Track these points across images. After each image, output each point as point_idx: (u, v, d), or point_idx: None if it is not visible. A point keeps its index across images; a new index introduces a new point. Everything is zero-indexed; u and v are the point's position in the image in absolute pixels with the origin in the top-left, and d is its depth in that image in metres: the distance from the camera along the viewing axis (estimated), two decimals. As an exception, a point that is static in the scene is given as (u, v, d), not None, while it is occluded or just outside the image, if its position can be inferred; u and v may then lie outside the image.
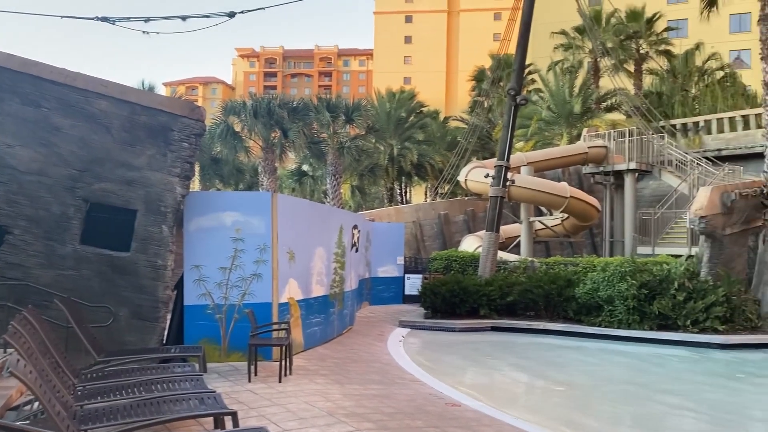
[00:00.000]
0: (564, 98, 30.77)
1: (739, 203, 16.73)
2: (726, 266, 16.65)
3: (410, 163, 37.43)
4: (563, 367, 13.03)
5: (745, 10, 41.93)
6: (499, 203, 19.88)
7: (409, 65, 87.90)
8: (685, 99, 31.55)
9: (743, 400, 10.78)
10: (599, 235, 27.23)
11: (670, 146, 24.44)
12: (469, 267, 20.78)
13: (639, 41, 34.44)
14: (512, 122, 20.41)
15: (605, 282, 16.15)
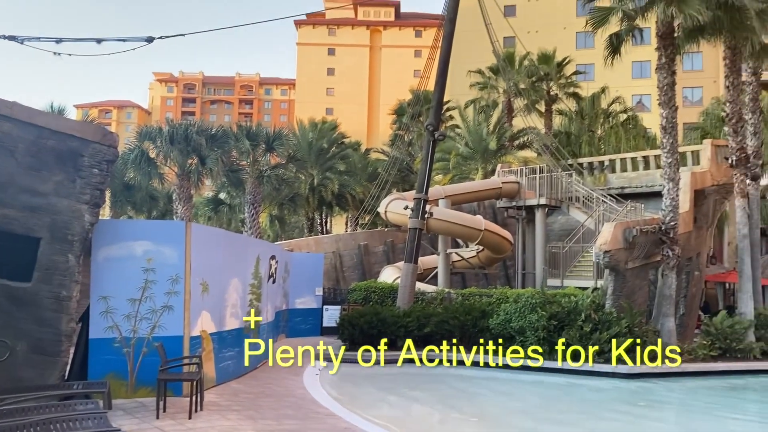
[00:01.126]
0: (480, 135, 31.86)
1: (640, 239, 17.74)
2: (629, 299, 17.54)
3: (331, 193, 37.47)
4: (477, 398, 13.27)
5: (645, 58, 44.97)
6: (417, 235, 20.22)
7: (331, 96, 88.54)
8: (591, 139, 33.33)
9: (645, 428, 11.32)
10: (512, 267, 28.08)
11: (577, 183, 25.70)
12: (387, 298, 20.89)
13: (549, 83, 36.27)
14: (431, 156, 20.92)
15: (517, 313, 16.67)
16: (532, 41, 41.59)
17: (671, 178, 18.24)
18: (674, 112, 18.48)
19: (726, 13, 17.48)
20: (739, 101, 21.09)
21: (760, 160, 22.93)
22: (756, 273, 21.40)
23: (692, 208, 20.41)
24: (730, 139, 20.92)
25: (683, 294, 20.13)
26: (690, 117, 42.39)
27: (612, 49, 19.23)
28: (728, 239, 36.06)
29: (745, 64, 21.92)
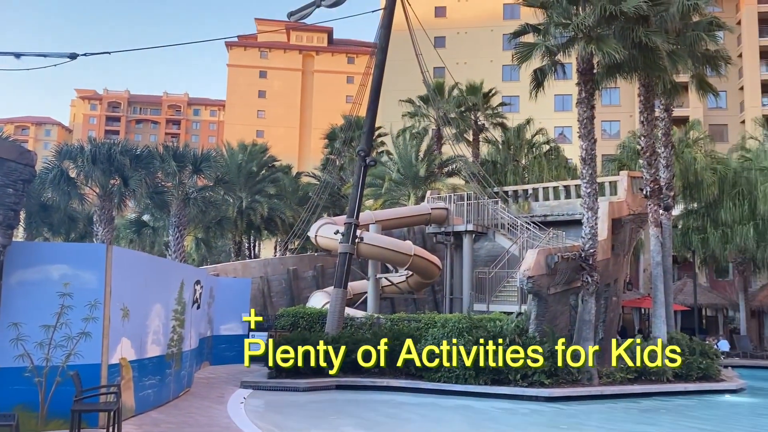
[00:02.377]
0: (410, 162, 32.34)
1: (562, 265, 18.37)
2: (551, 323, 18.07)
3: (260, 216, 36.97)
4: (404, 424, 13.27)
5: (567, 92, 47.05)
6: (348, 260, 20.19)
7: (262, 119, 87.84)
8: (516, 168, 34.43)
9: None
10: (440, 292, 28.42)
11: (503, 211, 26.42)
12: (316, 324, 20.67)
13: (477, 113, 37.31)
14: (362, 182, 21.05)
15: (444, 338, 16.84)
16: (461, 72, 42.91)
17: (590, 207, 19.05)
18: (593, 144, 19.38)
19: (640, 53, 18.58)
20: (653, 135, 22.39)
21: (671, 191, 24.34)
22: (668, 298, 22.56)
23: (610, 236, 21.34)
24: (645, 171, 22.11)
25: (602, 319, 20.91)
26: (608, 149, 44.58)
27: (536, 83, 20.03)
28: (643, 266, 37.90)
29: (657, 100, 23.34)
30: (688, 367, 19.51)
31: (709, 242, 31.92)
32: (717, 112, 52.94)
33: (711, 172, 31.22)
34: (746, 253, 32.00)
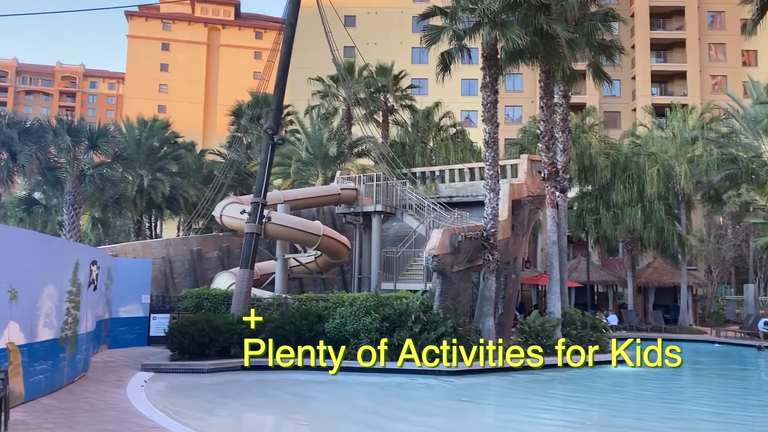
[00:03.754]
0: (320, 141, 32.12)
1: (465, 244, 18.98)
2: (454, 300, 18.68)
3: (162, 195, 35.56)
4: (312, 402, 13.36)
5: (473, 77, 48.22)
6: (254, 240, 19.89)
7: (164, 93, 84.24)
8: (424, 150, 35.05)
9: (468, 421, 12.10)
10: (349, 272, 28.59)
11: (411, 192, 26.83)
12: (221, 305, 20.29)
13: (387, 95, 37.57)
14: (269, 160, 20.72)
15: (352, 316, 17.04)
16: (371, 53, 42.92)
17: (492, 188, 19.73)
18: (496, 128, 20.03)
19: (542, 40, 19.33)
20: (551, 121, 23.39)
21: (568, 174, 25.58)
22: (563, 276, 23.80)
23: (510, 217, 22.21)
24: (543, 155, 23.10)
25: (502, 295, 21.81)
26: (511, 133, 46.20)
27: (443, 66, 20.42)
28: (541, 245, 39.80)
29: (557, 87, 24.36)
30: (580, 340, 20.76)
31: (602, 223, 33.88)
32: (611, 100, 56.01)
33: (604, 156, 33.05)
34: (634, 233, 34.23)
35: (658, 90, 56.73)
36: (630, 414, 12.85)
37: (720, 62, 56.26)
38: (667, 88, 56.94)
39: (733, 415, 12.72)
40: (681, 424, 11.67)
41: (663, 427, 11.55)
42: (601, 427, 11.70)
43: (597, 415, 12.65)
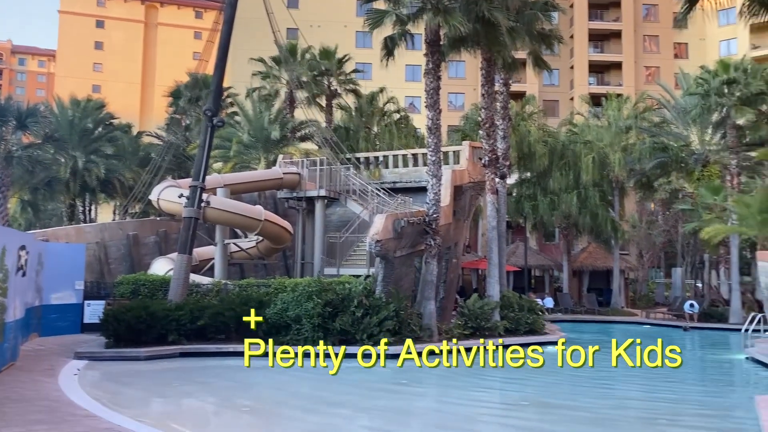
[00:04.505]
0: (262, 124, 31.62)
1: (408, 229, 19.14)
2: (396, 285, 18.84)
3: (96, 178, 34.35)
4: (253, 388, 13.26)
5: (417, 63, 48.46)
6: (193, 224, 19.48)
7: (99, 73, 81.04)
8: (368, 135, 34.98)
9: (405, 402, 12.30)
10: (292, 257, 28.38)
11: (354, 177, 26.81)
12: (159, 291, 19.83)
13: (330, 78, 37.27)
14: (208, 143, 20.28)
15: (294, 302, 16.96)
16: (315, 35, 42.37)
17: (435, 174, 19.93)
18: (439, 114, 20.19)
19: (483, 28, 19.54)
20: (492, 108, 23.76)
21: (507, 161, 26.11)
22: (502, 260, 24.36)
23: (452, 203, 22.50)
24: (484, 142, 23.47)
25: (443, 279, 22.14)
26: (454, 120, 46.65)
27: (387, 50, 20.40)
28: (482, 231, 40.50)
29: (498, 75, 24.74)
30: (517, 322, 21.36)
31: (539, 209, 34.74)
32: (550, 89, 57.27)
33: (543, 144, 33.83)
34: (570, 219, 35.26)
35: (595, 80, 58.35)
36: (564, 393, 13.30)
37: (653, 54, 58.29)
38: (603, 78, 58.63)
39: (661, 394, 13.33)
40: (613, 402, 12.18)
41: (595, 404, 12.01)
42: (537, 406, 12.08)
43: (534, 395, 13.04)
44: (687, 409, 11.76)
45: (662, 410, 11.52)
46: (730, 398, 12.62)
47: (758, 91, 28.69)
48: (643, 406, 11.66)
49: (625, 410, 11.56)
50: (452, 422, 10.67)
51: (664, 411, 11.49)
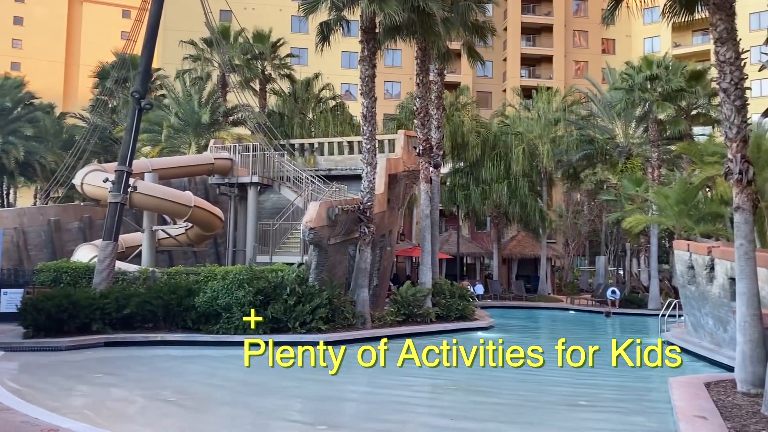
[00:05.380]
0: (192, 108, 30.79)
1: (342, 217, 19.13)
2: (330, 272, 18.82)
3: (15, 160, 32.72)
4: (179, 378, 12.99)
5: (353, 50, 48.30)
6: (119, 210, 18.84)
7: (18, 50, 76.61)
8: (303, 122, 34.61)
9: (337, 388, 12.34)
10: (223, 244, 27.86)
11: (288, 163, 26.52)
12: (82, 279, 19.09)
13: (264, 63, 36.60)
14: (136, 126, 19.62)
15: (224, 290, 16.69)
16: (249, 18, 41.45)
17: (369, 162, 19.97)
18: (374, 102, 20.21)
19: (419, 17, 19.62)
20: (427, 98, 23.98)
21: (441, 150, 26.45)
22: (435, 248, 24.72)
23: (386, 191, 22.60)
24: (418, 131, 23.68)
25: (377, 267, 22.27)
26: (390, 108, 46.74)
27: (322, 36, 20.21)
28: (416, 219, 40.95)
29: (433, 65, 24.96)
30: (448, 308, 21.76)
31: (472, 198, 35.42)
32: (484, 80, 58.25)
33: (476, 134, 34.44)
34: (501, 208, 36.12)
35: (527, 72, 59.73)
36: (489, 378, 13.63)
37: (583, 49, 60.14)
38: (535, 71, 60.10)
39: (583, 379, 13.88)
40: (534, 387, 12.58)
41: (517, 387, 12.40)
42: (465, 391, 12.37)
43: (462, 379, 13.33)
44: (606, 393, 12.30)
45: (583, 394, 12.01)
46: (646, 381, 13.27)
47: (678, 88, 30.08)
48: (566, 392, 12.11)
49: (548, 395, 11.99)
50: (383, 408, 10.80)
51: (584, 394, 11.99)
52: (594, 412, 10.77)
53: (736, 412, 8.86)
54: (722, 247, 15.87)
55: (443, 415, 10.39)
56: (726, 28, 10.86)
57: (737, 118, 10.72)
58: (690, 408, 8.93)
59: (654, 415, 10.31)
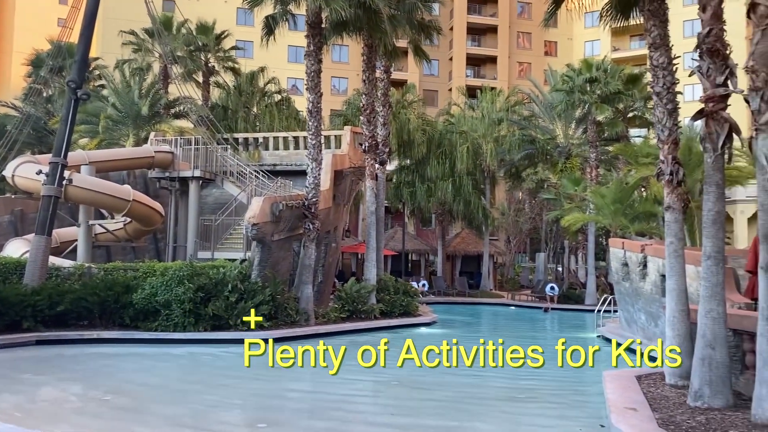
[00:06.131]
0: (132, 99, 29.89)
1: (286, 213, 18.96)
2: (273, 269, 18.63)
3: (-61, 151, 30.95)
4: (115, 376, 12.63)
5: (300, 44, 47.89)
6: (53, 204, 18.15)
7: (-57, 33, 72.72)
8: (247, 116, 34.12)
9: (279, 385, 12.25)
10: (163, 240, 27.19)
11: (232, 158, 26.09)
12: (13, 275, 18.21)
13: (208, 55, 35.88)
14: (72, 117, 18.94)
15: (164, 286, 16.32)
16: (193, 9, 40.52)
17: (315, 158, 19.87)
18: (319, 97, 20.11)
19: (365, 13, 19.64)
20: (373, 95, 24.04)
21: (387, 147, 26.54)
22: (380, 244, 24.83)
23: (332, 187, 22.58)
24: (364, 128, 23.71)
25: (322, 263, 22.21)
26: (337, 104, 46.60)
27: (267, 30, 19.99)
28: (362, 215, 41.00)
29: (379, 62, 25.03)
30: (393, 305, 21.90)
31: (417, 195, 35.73)
32: (430, 79, 58.74)
33: (422, 132, 34.72)
34: (445, 206, 36.56)
35: (473, 72, 60.59)
36: (437, 371, 13.78)
37: (526, 50, 61.43)
38: (480, 71, 61.03)
39: (523, 373, 14.21)
40: (473, 380, 12.82)
41: (458, 381, 12.60)
42: (407, 387, 12.49)
43: (405, 374, 13.44)
44: (544, 386, 12.63)
45: (522, 388, 12.30)
46: (581, 374, 13.69)
47: (616, 91, 31.09)
48: (506, 385, 12.37)
49: (488, 389, 12.23)
50: (325, 405, 10.79)
51: (523, 388, 12.29)
52: (532, 406, 11.05)
53: (664, 403, 9.25)
54: (654, 245, 16.52)
55: (384, 413, 10.46)
56: (659, 34, 11.28)
57: (669, 121, 11.16)
58: (621, 400, 9.27)
59: (589, 407, 10.66)
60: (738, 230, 39.64)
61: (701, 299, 9.22)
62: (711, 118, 9.06)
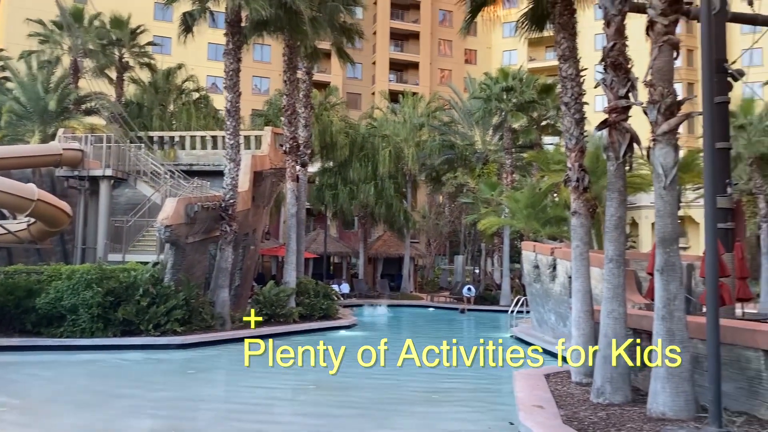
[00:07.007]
0: (38, 93, 28.33)
1: (202, 214, 18.49)
2: (188, 272, 18.13)
3: None
4: (14, 385, 11.93)
5: (221, 42, 46.89)
6: (-55, 203, 16.92)
7: None
8: (163, 113, 33.05)
9: (192, 392, 11.92)
10: (71, 241, 25.89)
11: (146, 156, 25.19)
12: None
13: (122, 50, 34.50)
14: (-32, 110, 17.73)
15: (70, 290, 15.58)
16: (108, 2, 38.91)
17: (233, 158, 19.51)
18: (238, 97, 19.78)
19: (286, 14, 19.46)
20: (294, 95, 23.86)
21: (309, 149, 26.41)
22: (300, 247, 24.64)
23: (251, 188, 22.19)
24: (285, 129, 23.50)
25: (239, 267, 21.79)
26: (258, 104, 45.87)
27: (185, 27, 19.49)
28: (284, 217, 40.56)
29: (301, 63, 24.86)
30: (312, 308, 21.79)
31: (339, 198, 35.72)
32: (354, 82, 58.88)
33: (344, 135, 34.77)
34: (368, 209, 36.75)
35: (395, 77, 61.18)
36: (356, 375, 13.81)
37: (447, 57, 62.65)
38: (402, 76, 61.70)
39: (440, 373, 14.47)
40: (404, 380, 12.94)
41: (383, 383, 12.69)
42: (328, 391, 12.45)
43: (322, 378, 13.39)
44: (460, 385, 12.91)
45: (438, 388, 12.52)
46: (494, 373, 14.08)
47: (531, 99, 32.22)
48: (423, 387, 12.55)
49: (402, 391, 12.37)
50: (240, 409, 10.59)
51: (439, 389, 12.50)
52: (447, 406, 11.27)
53: (569, 400, 9.66)
54: (563, 249, 17.23)
55: (301, 413, 10.39)
56: (569, 47, 11.80)
57: (576, 130, 11.68)
58: (529, 398, 9.61)
59: (500, 406, 10.98)
60: (643, 235, 42.00)
61: (603, 300, 9.69)
62: (614, 128, 9.55)
